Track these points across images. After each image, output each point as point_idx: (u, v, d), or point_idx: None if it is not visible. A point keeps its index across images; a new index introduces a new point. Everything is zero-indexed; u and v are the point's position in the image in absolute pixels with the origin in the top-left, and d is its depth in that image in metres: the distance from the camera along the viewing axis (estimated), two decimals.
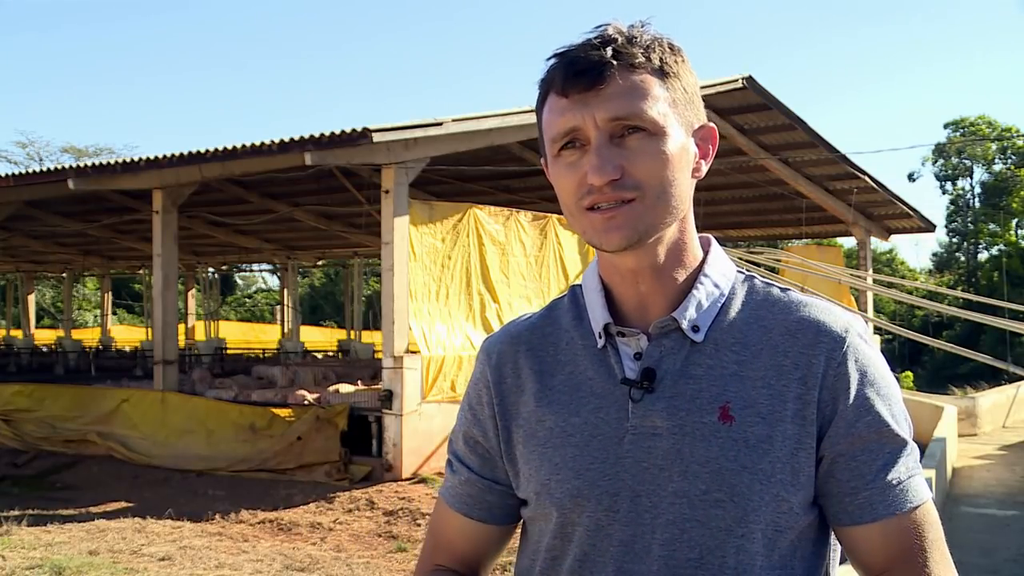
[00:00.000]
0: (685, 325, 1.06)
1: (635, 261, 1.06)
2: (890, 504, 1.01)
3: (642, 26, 1.04)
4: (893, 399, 1.04)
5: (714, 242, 1.14)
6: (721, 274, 1.10)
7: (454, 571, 1.21)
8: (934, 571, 1.01)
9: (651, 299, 1.08)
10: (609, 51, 1.00)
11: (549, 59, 1.05)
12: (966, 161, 39.35)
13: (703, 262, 1.10)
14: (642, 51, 1.02)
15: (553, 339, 1.15)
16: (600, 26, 1.04)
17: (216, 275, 27.90)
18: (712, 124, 1.10)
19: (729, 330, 1.06)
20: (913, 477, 1.03)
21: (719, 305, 1.08)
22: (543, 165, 1.11)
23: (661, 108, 1.01)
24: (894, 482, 1.01)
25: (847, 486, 1.02)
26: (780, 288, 1.11)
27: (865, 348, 1.05)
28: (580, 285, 1.17)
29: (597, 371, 1.09)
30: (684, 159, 1.04)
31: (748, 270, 1.16)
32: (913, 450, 1.04)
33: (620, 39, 1.02)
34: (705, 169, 1.09)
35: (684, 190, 1.04)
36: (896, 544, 1.01)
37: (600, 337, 1.10)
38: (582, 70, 1.00)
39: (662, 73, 1.03)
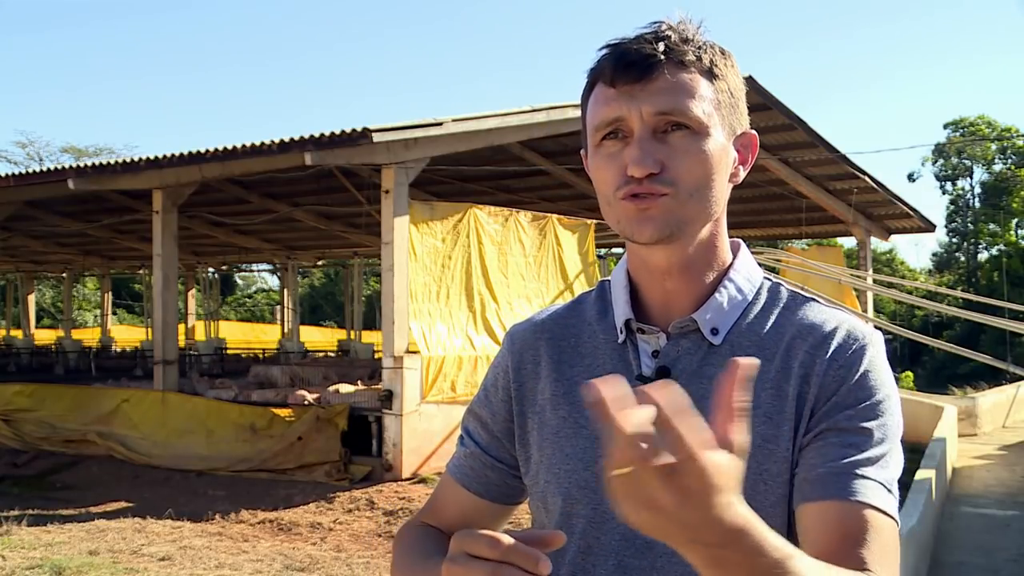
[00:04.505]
0: (704, 327, 1.07)
1: (665, 258, 1.06)
2: (843, 489, 0.95)
3: (697, 27, 1.05)
4: (887, 412, 1.00)
5: (743, 246, 1.15)
6: (746, 279, 1.11)
7: (439, 530, 1.21)
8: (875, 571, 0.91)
9: (676, 298, 1.09)
10: (661, 46, 1.01)
11: (601, 49, 1.05)
12: (966, 161, 39.31)
13: (730, 266, 1.11)
14: (693, 50, 1.03)
15: (575, 331, 1.16)
16: (655, 22, 1.05)
17: (216, 275, 27.90)
18: (754, 132, 1.11)
19: (747, 334, 1.07)
20: (882, 486, 0.96)
21: (741, 309, 1.08)
22: (582, 157, 1.11)
23: (706, 108, 1.02)
24: (858, 473, 0.95)
25: (807, 463, 0.98)
26: (804, 297, 1.11)
27: (876, 360, 1.02)
28: (609, 280, 1.18)
29: (615, 366, 1.10)
30: (723, 161, 1.05)
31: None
32: (891, 464, 0.98)
33: (674, 36, 1.03)
34: (743, 175, 1.10)
35: (720, 192, 1.05)
36: (836, 531, 0.93)
37: (621, 332, 1.11)
38: (632, 62, 1.01)
39: (711, 74, 1.04)
